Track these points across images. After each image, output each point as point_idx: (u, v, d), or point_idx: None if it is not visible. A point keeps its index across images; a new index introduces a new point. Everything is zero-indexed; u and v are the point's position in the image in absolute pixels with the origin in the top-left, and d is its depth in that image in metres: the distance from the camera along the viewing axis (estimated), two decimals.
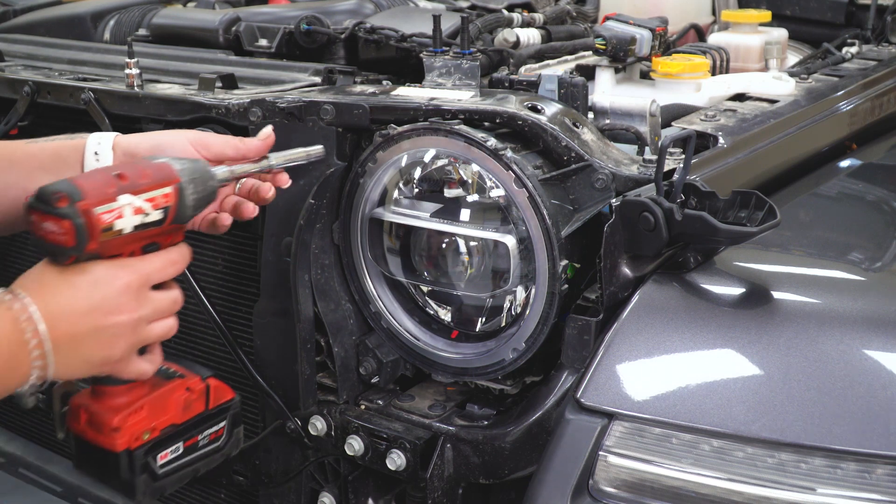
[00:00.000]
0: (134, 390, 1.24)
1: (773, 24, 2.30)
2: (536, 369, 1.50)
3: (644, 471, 1.24)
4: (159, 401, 1.26)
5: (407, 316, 1.58)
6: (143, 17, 2.27)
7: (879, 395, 1.17)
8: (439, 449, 1.47)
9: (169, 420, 1.27)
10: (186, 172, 1.20)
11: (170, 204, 1.18)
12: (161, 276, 1.21)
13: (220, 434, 1.34)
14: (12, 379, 1.08)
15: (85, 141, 1.34)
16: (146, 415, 1.24)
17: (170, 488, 1.29)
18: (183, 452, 1.29)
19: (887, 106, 2.05)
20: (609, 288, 1.33)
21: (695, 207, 1.33)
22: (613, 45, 1.84)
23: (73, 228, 1.10)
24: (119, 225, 1.13)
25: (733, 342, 1.25)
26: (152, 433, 1.25)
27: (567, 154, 1.41)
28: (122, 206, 1.13)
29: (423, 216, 1.49)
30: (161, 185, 1.17)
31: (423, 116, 1.47)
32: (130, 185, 1.14)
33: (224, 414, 1.34)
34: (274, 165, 1.39)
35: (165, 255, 1.21)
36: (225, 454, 1.36)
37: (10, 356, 1.07)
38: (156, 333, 1.21)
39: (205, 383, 1.32)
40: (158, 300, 1.20)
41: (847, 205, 1.77)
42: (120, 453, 1.22)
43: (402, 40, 1.90)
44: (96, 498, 2.03)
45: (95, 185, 1.12)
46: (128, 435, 1.23)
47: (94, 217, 1.11)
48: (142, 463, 1.24)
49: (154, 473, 1.26)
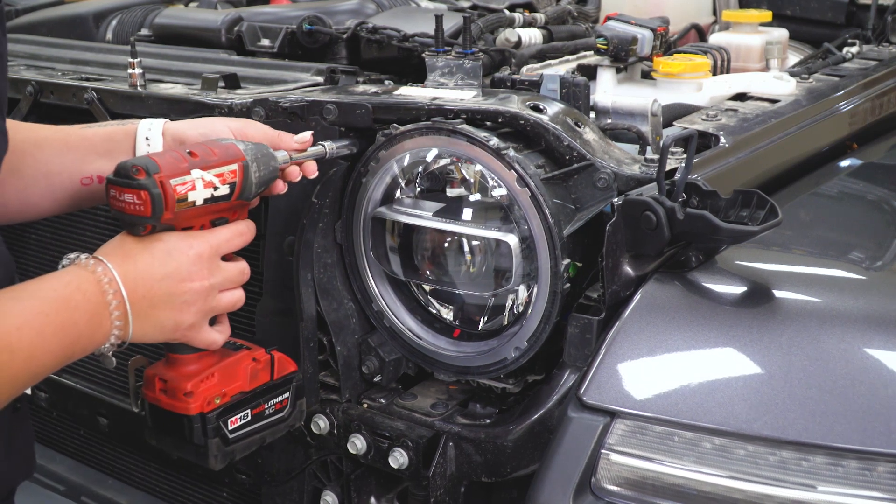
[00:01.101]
0: (204, 359, 1.32)
1: (773, 24, 2.30)
2: (538, 368, 1.50)
3: (646, 469, 1.25)
4: (228, 369, 1.34)
5: (409, 315, 1.59)
6: (145, 16, 2.27)
7: (880, 393, 1.18)
8: (441, 447, 1.47)
9: (238, 388, 1.34)
10: (250, 152, 1.29)
11: (236, 180, 1.26)
12: (230, 247, 1.28)
13: (284, 405, 1.41)
14: (95, 337, 1.16)
15: (136, 126, 1.40)
16: (217, 381, 1.32)
17: (239, 454, 1.35)
18: (251, 420, 1.36)
19: (888, 106, 2.06)
20: (611, 287, 1.33)
21: (696, 206, 1.33)
22: (615, 45, 1.84)
23: (150, 198, 1.18)
24: (192, 197, 1.22)
25: (735, 341, 1.25)
26: (223, 399, 1.32)
27: (569, 153, 1.41)
28: (195, 178, 1.22)
29: (426, 215, 1.49)
30: (228, 163, 1.26)
31: (425, 116, 1.48)
32: (201, 161, 1.23)
33: (288, 385, 1.42)
34: (327, 155, 1.46)
35: (234, 227, 1.30)
36: (289, 425, 1.43)
37: (94, 314, 1.14)
38: (225, 303, 1.29)
39: (269, 354, 1.39)
40: (228, 270, 1.28)
41: (848, 204, 1.78)
42: (194, 416, 1.30)
43: (405, 40, 1.90)
44: (99, 496, 2.04)
45: (170, 161, 1.21)
46: (201, 399, 1.30)
47: (170, 188, 1.19)
48: (214, 426, 1.31)
49: (225, 438, 1.33)
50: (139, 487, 2.03)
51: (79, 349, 1.14)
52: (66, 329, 1.11)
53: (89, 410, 1.94)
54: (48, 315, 1.09)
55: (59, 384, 1.98)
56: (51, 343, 1.10)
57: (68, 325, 1.11)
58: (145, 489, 2.02)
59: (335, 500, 1.64)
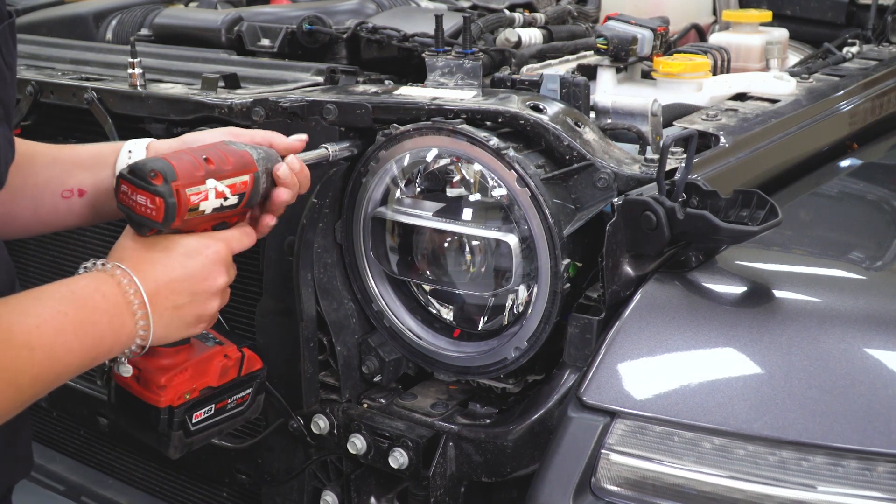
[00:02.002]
0: (180, 353, 1.32)
1: (773, 24, 2.30)
2: (538, 368, 1.50)
3: (646, 469, 1.25)
4: (201, 365, 1.34)
5: (409, 315, 1.59)
6: (145, 16, 2.27)
7: (880, 393, 1.18)
8: (441, 447, 1.47)
9: (207, 383, 1.35)
10: (262, 162, 1.29)
11: (246, 190, 1.27)
12: (241, 245, 1.30)
13: (245, 399, 1.42)
14: (119, 338, 1.17)
15: (122, 144, 1.42)
16: (189, 377, 1.33)
17: (197, 445, 1.37)
18: (214, 413, 1.37)
19: (888, 105, 2.06)
20: (611, 287, 1.33)
21: (696, 206, 1.33)
22: (615, 45, 1.84)
23: (164, 206, 1.18)
24: (203, 206, 1.22)
25: (735, 341, 1.25)
26: (192, 394, 1.33)
27: (569, 153, 1.41)
28: (208, 189, 1.22)
29: (426, 215, 1.50)
30: (242, 173, 1.26)
31: (425, 116, 1.48)
32: (216, 171, 1.23)
33: (252, 381, 1.42)
34: (330, 157, 1.47)
35: (241, 227, 1.31)
36: (246, 418, 1.44)
37: (115, 315, 1.15)
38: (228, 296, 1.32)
39: (241, 352, 1.40)
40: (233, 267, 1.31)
41: (848, 204, 1.78)
42: (162, 409, 1.30)
43: (405, 40, 1.90)
44: (99, 496, 2.04)
45: (187, 168, 1.21)
46: (172, 393, 1.30)
47: (185, 197, 1.19)
48: (179, 420, 1.32)
49: (188, 430, 1.34)
50: (139, 487, 2.03)
51: (103, 350, 1.15)
52: (87, 328, 1.12)
53: (89, 410, 1.94)
54: (67, 315, 1.10)
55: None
56: (71, 342, 1.10)
57: (88, 325, 1.12)
58: (145, 489, 2.02)
59: (335, 500, 1.64)
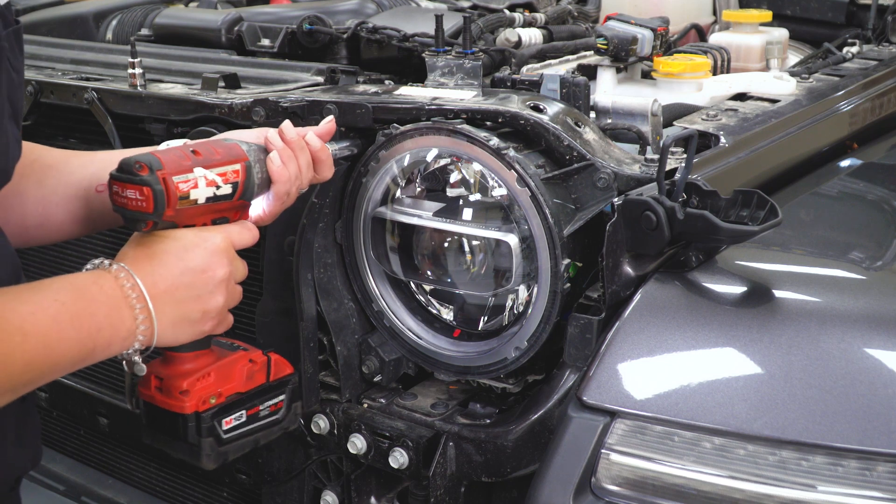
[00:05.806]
0: (201, 358, 1.32)
1: (773, 24, 2.30)
2: (538, 368, 1.50)
3: (646, 468, 1.25)
4: (225, 369, 1.33)
5: (409, 315, 1.59)
6: (145, 16, 2.27)
7: (880, 393, 1.18)
8: (442, 447, 1.47)
9: (233, 388, 1.34)
10: (253, 153, 1.30)
11: (238, 180, 1.27)
12: (241, 239, 1.30)
13: (279, 406, 1.40)
14: (118, 332, 1.16)
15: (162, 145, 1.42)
16: (213, 381, 1.31)
17: (232, 454, 1.35)
18: (246, 420, 1.36)
19: (888, 105, 2.06)
20: (611, 287, 1.33)
21: (696, 206, 1.33)
22: (615, 45, 1.84)
23: (152, 195, 1.19)
24: (194, 195, 1.22)
25: (735, 341, 1.26)
26: (218, 398, 1.32)
27: (569, 153, 1.41)
28: (197, 177, 1.22)
29: (426, 215, 1.50)
30: (231, 162, 1.27)
31: (425, 116, 1.48)
32: (204, 160, 1.24)
33: (283, 387, 1.41)
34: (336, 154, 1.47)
35: (242, 223, 1.31)
36: (283, 427, 1.42)
37: (113, 307, 1.15)
38: (238, 294, 1.30)
39: (266, 356, 1.38)
40: (239, 261, 1.30)
41: (848, 204, 1.78)
42: (188, 415, 1.29)
43: (405, 40, 1.90)
44: (99, 496, 2.04)
45: (173, 158, 1.22)
46: (196, 398, 1.30)
47: (172, 185, 1.20)
48: (208, 426, 1.31)
49: (219, 438, 1.32)
50: (139, 487, 2.03)
51: (102, 342, 1.14)
52: (83, 319, 1.12)
53: (89, 410, 1.94)
54: (64, 303, 1.10)
55: (59, 384, 1.98)
56: (67, 331, 1.10)
57: (85, 315, 1.12)
58: (145, 489, 2.02)
59: (335, 499, 1.64)
